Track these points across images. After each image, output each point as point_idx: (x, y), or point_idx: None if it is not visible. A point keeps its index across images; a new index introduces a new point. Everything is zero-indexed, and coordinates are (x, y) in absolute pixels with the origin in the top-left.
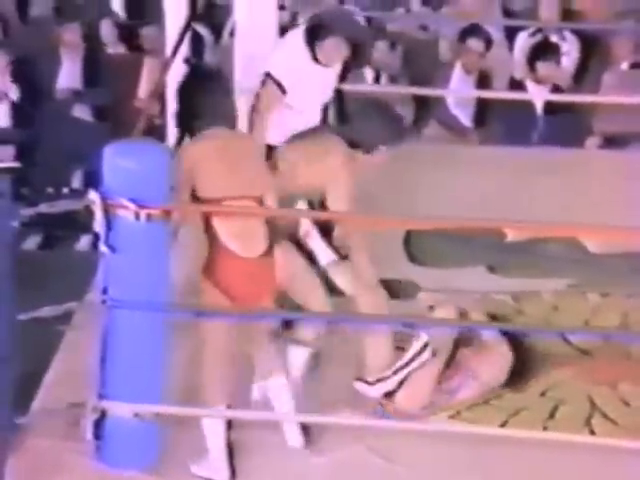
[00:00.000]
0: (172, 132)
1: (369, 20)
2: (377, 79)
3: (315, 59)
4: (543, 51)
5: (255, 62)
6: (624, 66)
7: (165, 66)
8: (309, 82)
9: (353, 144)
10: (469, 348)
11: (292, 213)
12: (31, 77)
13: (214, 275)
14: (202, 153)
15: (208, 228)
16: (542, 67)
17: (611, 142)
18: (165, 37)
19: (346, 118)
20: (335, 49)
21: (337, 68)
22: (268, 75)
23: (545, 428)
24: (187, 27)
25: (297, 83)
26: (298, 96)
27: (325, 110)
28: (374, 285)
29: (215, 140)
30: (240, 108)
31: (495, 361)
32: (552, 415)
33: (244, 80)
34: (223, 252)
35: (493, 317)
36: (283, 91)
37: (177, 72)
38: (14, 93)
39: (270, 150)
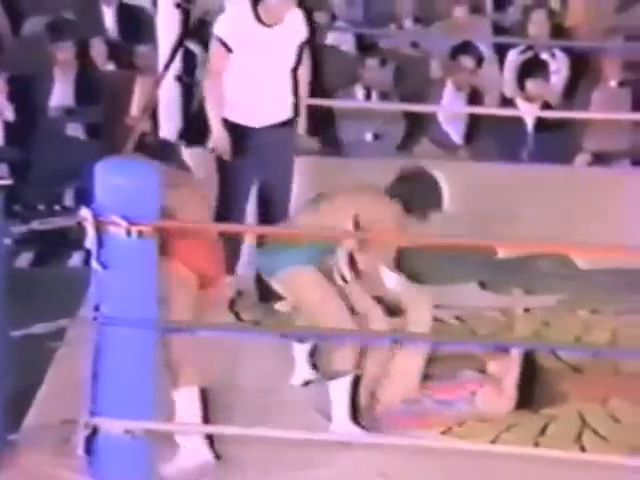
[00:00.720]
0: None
1: (360, 37)
2: (368, 96)
3: (258, 19)
4: (532, 69)
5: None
6: (613, 84)
7: (157, 84)
8: (255, 42)
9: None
10: (477, 371)
11: (287, 231)
12: (24, 95)
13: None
14: None
15: None
16: (532, 85)
17: (600, 159)
18: (157, 55)
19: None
20: (277, 8)
21: (291, 31)
22: (215, 36)
23: (536, 444)
24: (179, 45)
25: (243, 43)
26: (247, 57)
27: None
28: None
29: None
30: None
31: (495, 397)
32: (543, 431)
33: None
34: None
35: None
36: (229, 50)
37: (168, 89)
38: (8, 111)
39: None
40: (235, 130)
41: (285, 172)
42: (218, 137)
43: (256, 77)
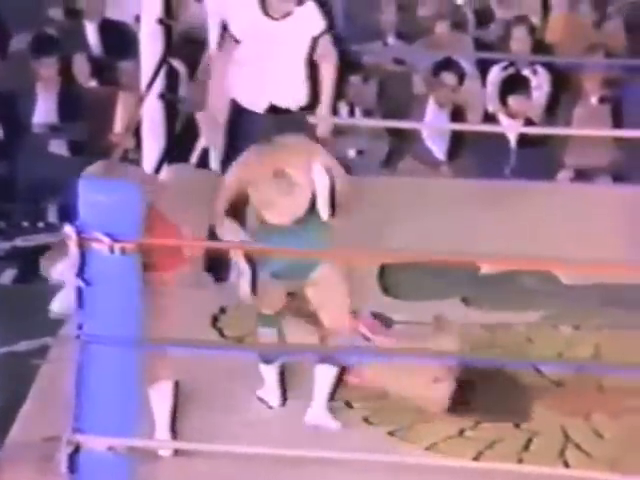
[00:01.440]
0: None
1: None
2: (352, 112)
3: (265, 12)
4: (514, 85)
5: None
6: (593, 100)
7: (140, 101)
8: (261, 34)
9: None
10: None
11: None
12: (7, 112)
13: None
14: None
15: None
16: (514, 101)
17: (582, 175)
18: (140, 71)
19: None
20: (284, 2)
21: (300, 23)
22: (223, 25)
23: (520, 460)
24: (162, 62)
25: (250, 34)
26: (254, 47)
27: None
28: None
29: None
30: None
31: None
32: (526, 447)
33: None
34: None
35: None
36: (236, 40)
37: (151, 107)
38: None
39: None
40: (243, 114)
41: None
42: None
43: (264, 67)
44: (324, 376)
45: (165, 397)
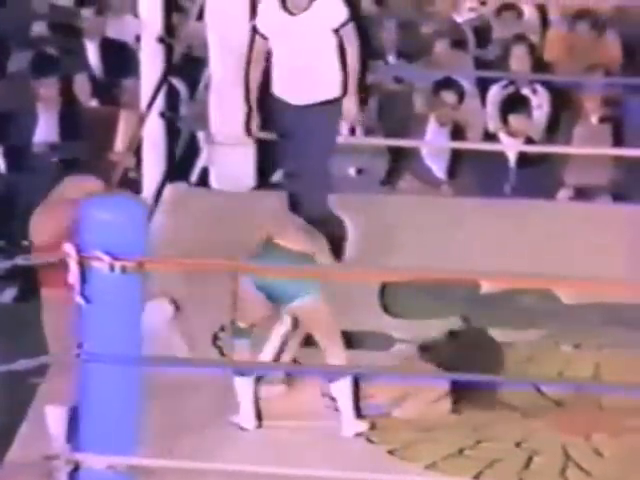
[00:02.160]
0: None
1: None
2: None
3: (285, 8)
4: (515, 105)
5: (229, 115)
6: (594, 120)
7: (141, 120)
8: (284, 30)
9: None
10: None
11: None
12: (8, 131)
13: None
14: None
15: None
16: (514, 120)
17: (582, 194)
18: (141, 90)
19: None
20: None
21: (320, 16)
22: (252, 25)
23: (520, 479)
24: (163, 81)
25: (274, 31)
26: (281, 43)
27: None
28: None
29: None
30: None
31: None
32: (527, 466)
33: (219, 133)
34: None
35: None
36: (264, 37)
37: (152, 126)
38: None
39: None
40: (278, 108)
41: (325, 153)
42: (251, 118)
43: (294, 61)
44: (341, 391)
45: (59, 420)
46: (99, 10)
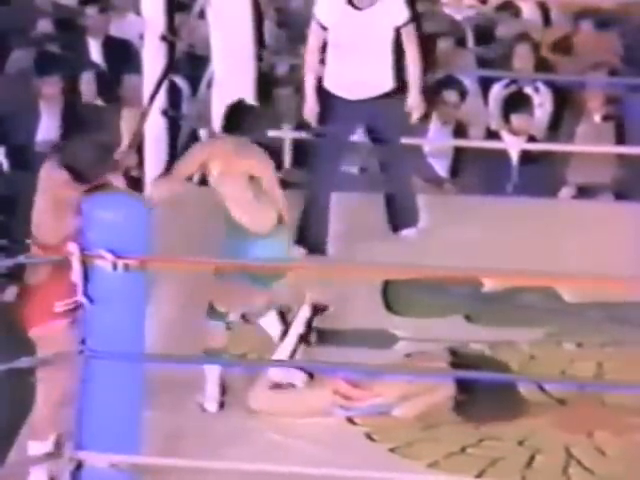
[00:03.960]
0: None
1: None
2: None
3: (350, 1)
4: (517, 103)
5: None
6: (597, 118)
7: (143, 118)
8: (347, 23)
9: None
10: None
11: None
12: (10, 129)
13: None
14: None
15: None
16: (517, 119)
17: (584, 192)
18: (143, 88)
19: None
20: None
21: (384, 13)
22: (313, 15)
23: (523, 478)
24: (164, 78)
25: (336, 23)
26: (341, 35)
27: None
28: None
29: None
30: None
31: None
32: (529, 464)
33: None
34: None
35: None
36: (324, 28)
37: (154, 124)
38: None
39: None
40: (330, 102)
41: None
42: (309, 107)
43: (351, 54)
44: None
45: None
46: (102, 8)
